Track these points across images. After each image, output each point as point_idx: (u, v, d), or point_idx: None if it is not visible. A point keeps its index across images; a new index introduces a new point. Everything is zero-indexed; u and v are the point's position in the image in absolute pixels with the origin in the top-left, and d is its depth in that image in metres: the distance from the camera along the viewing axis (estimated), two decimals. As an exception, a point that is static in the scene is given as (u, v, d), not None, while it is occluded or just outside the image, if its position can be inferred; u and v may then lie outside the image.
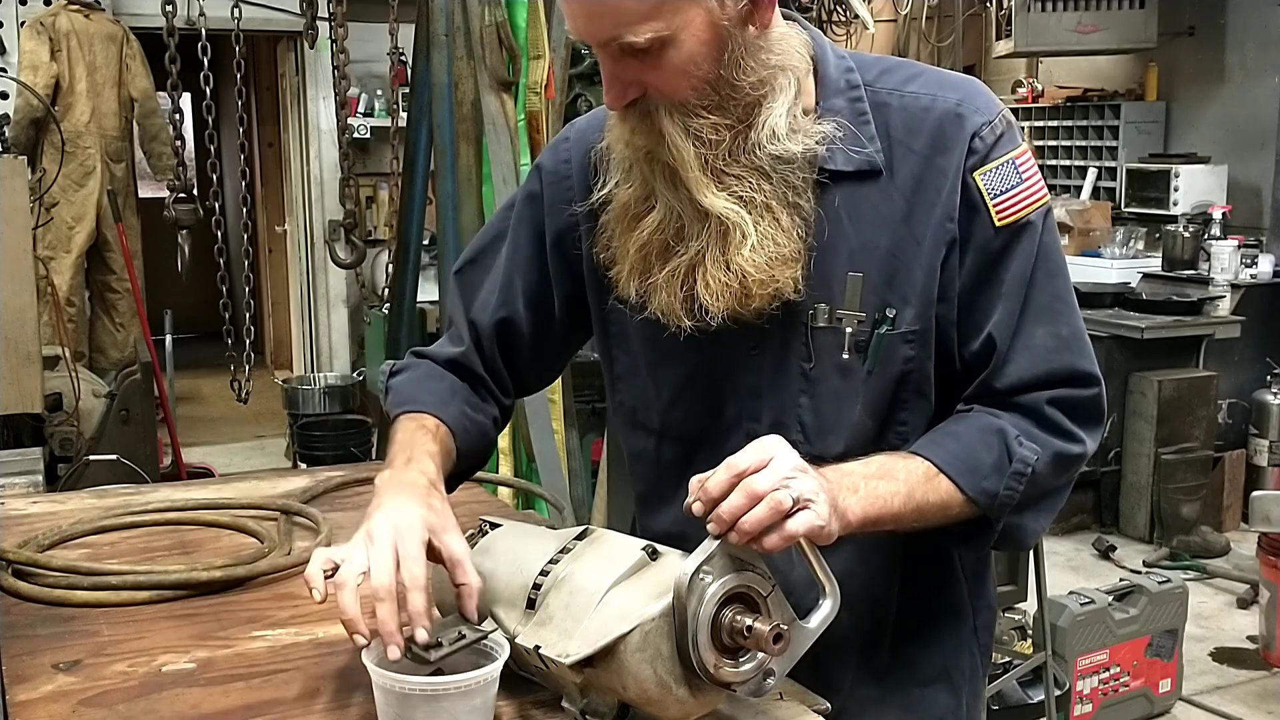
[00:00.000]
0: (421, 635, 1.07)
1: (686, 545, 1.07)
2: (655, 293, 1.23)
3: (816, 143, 1.20)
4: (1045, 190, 1.25)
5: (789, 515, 1.03)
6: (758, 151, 1.18)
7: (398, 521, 1.14)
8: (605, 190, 1.27)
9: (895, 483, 1.17)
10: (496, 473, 3.04)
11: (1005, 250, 1.23)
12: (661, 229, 1.22)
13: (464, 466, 1.40)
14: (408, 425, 1.33)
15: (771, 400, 1.27)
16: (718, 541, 1.04)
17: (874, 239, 1.23)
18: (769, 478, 1.03)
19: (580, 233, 1.35)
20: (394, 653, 1.05)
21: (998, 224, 1.22)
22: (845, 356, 1.24)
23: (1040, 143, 7.59)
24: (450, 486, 1.35)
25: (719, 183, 1.18)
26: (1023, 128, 7.63)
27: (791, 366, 1.26)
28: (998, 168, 1.22)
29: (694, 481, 1.06)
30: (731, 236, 1.18)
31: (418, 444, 1.29)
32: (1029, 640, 3.81)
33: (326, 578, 1.11)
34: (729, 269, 1.18)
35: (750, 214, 1.18)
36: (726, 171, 1.18)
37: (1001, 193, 1.22)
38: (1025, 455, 1.20)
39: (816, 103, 1.24)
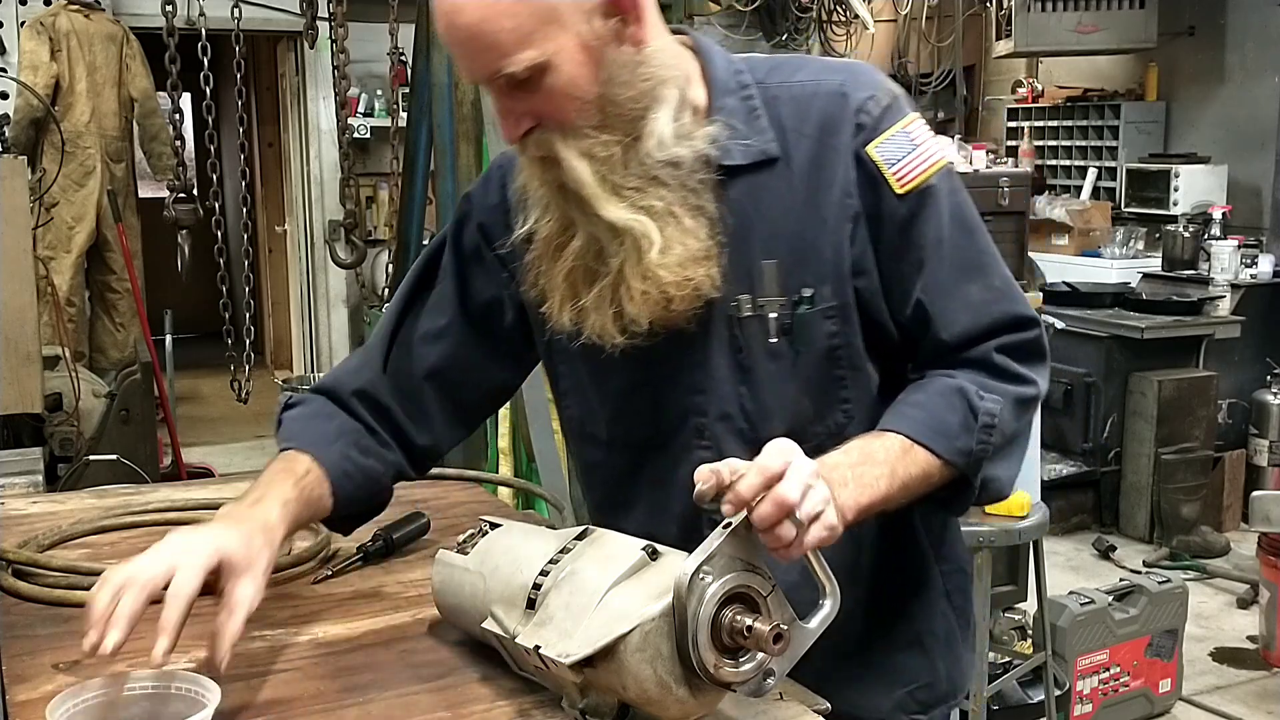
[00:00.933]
0: (159, 647, 1.09)
1: None
2: (587, 316, 1.27)
3: (708, 144, 1.24)
4: (941, 153, 1.29)
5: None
6: (648, 161, 1.21)
7: (191, 542, 1.18)
8: (526, 228, 1.30)
9: (878, 465, 1.19)
10: (496, 473, 3.04)
11: (913, 217, 1.27)
12: (584, 255, 1.26)
13: (348, 511, 1.41)
14: (275, 465, 1.36)
15: (713, 394, 1.31)
16: (719, 540, 1.04)
17: (781, 225, 1.27)
18: (796, 487, 1.04)
19: (512, 269, 1.38)
20: (86, 644, 1.08)
21: (899, 192, 1.26)
22: (773, 340, 1.29)
23: (1040, 143, 7.59)
24: (345, 528, 1.41)
25: (619, 196, 1.21)
26: (1023, 128, 7.64)
27: (726, 358, 1.30)
28: (890, 139, 1.26)
29: (704, 470, 1.05)
30: (642, 246, 1.21)
31: (274, 486, 1.31)
32: (1029, 640, 3.81)
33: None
34: (645, 278, 1.22)
35: (654, 221, 1.21)
36: (624, 185, 1.22)
37: (897, 161, 1.26)
38: (989, 407, 1.24)
39: (709, 106, 1.28)
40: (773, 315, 1.28)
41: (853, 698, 1.33)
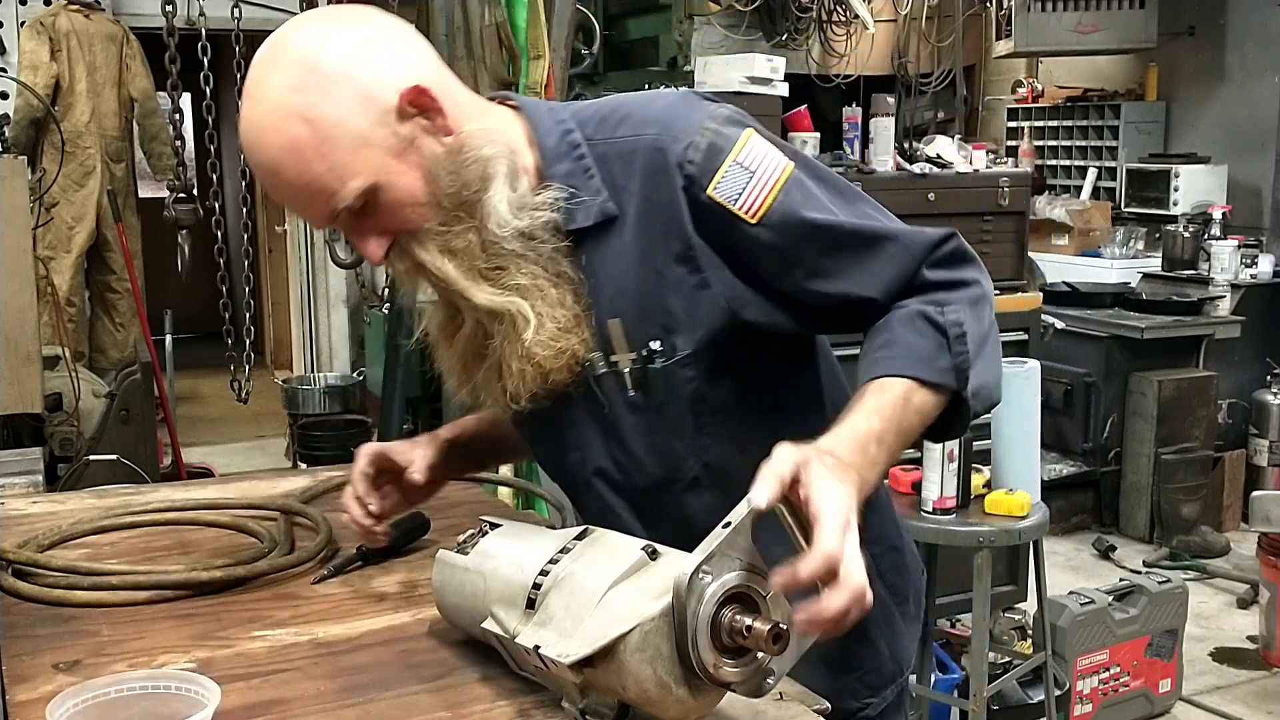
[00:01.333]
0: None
1: None
2: (479, 393, 1.34)
3: (551, 210, 1.25)
4: (781, 163, 1.26)
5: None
6: (499, 239, 1.24)
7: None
8: (423, 326, 1.37)
9: (880, 420, 1.17)
10: (496, 473, 3.04)
11: (781, 234, 1.25)
12: (472, 339, 1.32)
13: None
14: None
15: (586, 451, 1.37)
16: (718, 540, 1.04)
17: (621, 282, 1.29)
18: (859, 567, 1.01)
19: None
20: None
21: (753, 221, 1.24)
22: (631, 394, 1.31)
23: (1040, 143, 7.59)
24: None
25: (486, 280, 1.25)
26: (1023, 128, 7.64)
27: (591, 416, 1.34)
28: (724, 177, 1.24)
29: (761, 495, 1.03)
30: (518, 325, 1.25)
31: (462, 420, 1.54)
32: (1029, 640, 3.81)
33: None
34: (521, 358, 1.26)
35: (525, 299, 1.25)
36: (488, 269, 1.25)
37: (739, 195, 1.24)
38: (952, 319, 1.23)
39: (542, 171, 1.29)
40: (626, 370, 1.30)
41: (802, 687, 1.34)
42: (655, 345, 1.28)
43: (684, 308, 1.28)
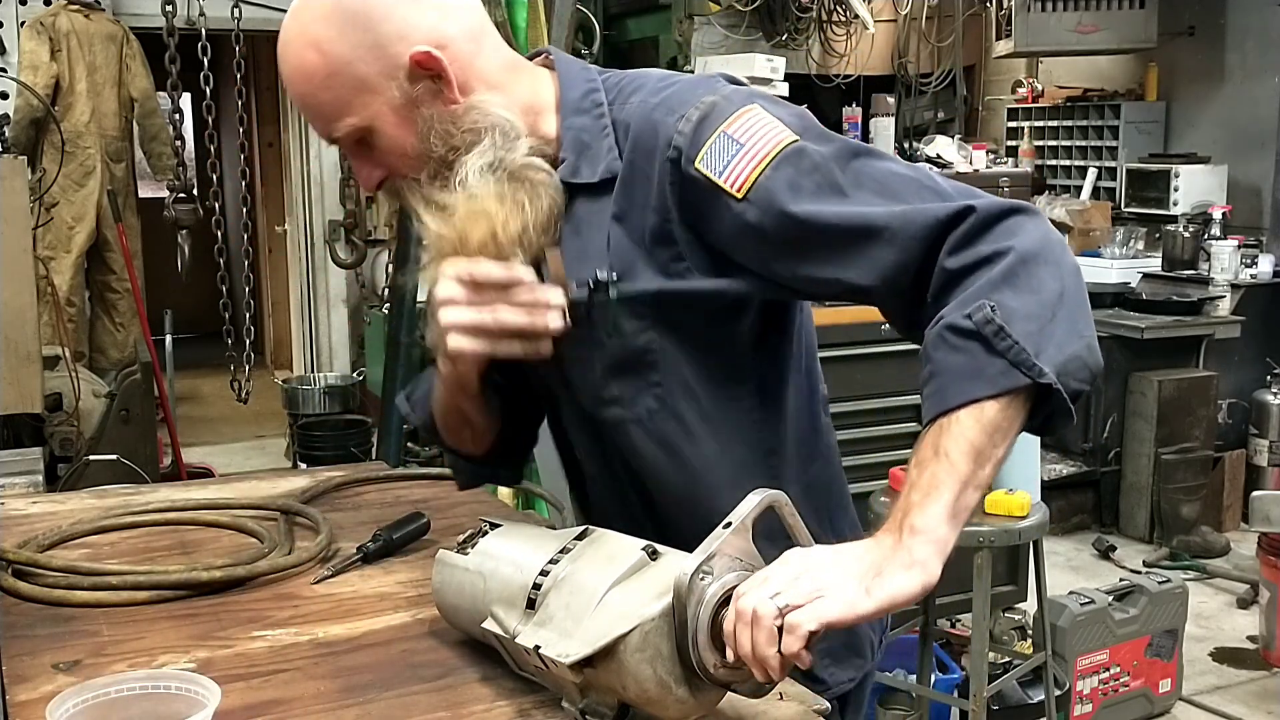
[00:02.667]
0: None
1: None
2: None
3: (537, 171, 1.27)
4: (779, 137, 1.19)
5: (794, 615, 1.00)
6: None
7: None
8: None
9: (930, 467, 1.06)
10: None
11: (768, 214, 1.18)
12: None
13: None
14: None
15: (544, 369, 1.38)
16: (719, 541, 1.04)
17: (600, 244, 1.28)
18: (754, 599, 1.01)
19: None
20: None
21: (738, 196, 1.19)
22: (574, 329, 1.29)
23: (1040, 143, 7.59)
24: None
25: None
26: (1023, 128, 7.64)
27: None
28: (710, 148, 1.21)
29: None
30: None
31: None
32: (1029, 640, 3.81)
33: None
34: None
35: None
36: None
37: (724, 167, 1.20)
38: (980, 315, 1.06)
39: (560, 127, 1.32)
40: (572, 299, 1.27)
41: None
42: (614, 275, 1.26)
43: (657, 277, 1.26)
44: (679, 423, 1.32)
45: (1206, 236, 6.00)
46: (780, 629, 0.99)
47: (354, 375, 6.53)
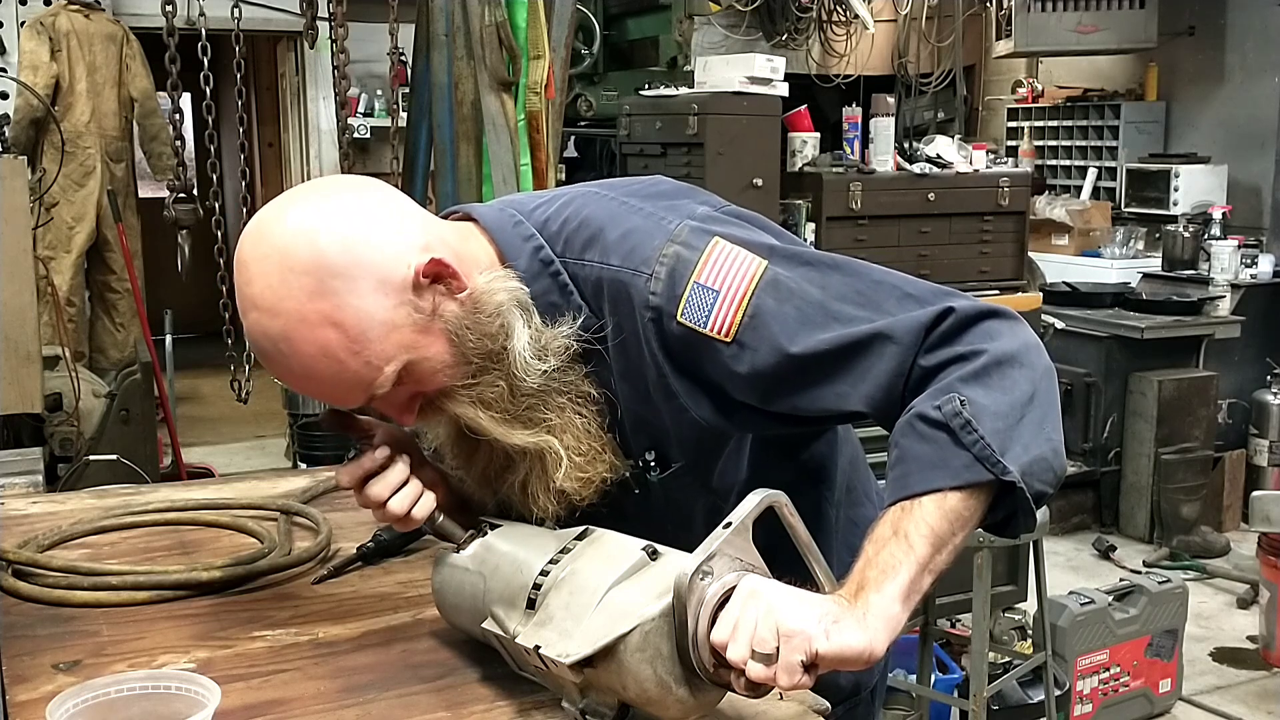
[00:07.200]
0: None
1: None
2: (505, 501, 1.33)
3: (567, 339, 1.23)
4: (750, 268, 1.18)
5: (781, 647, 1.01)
6: (527, 383, 1.22)
7: None
8: (433, 437, 1.35)
9: (890, 545, 1.08)
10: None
11: (759, 351, 1.17)
12: (492, 460, 1.30)
13: None
14: None
15: (599, 520, 1.32)
16: (719, 541, 1.04)
17: (611, 397, 1.27)
18: (745, 633, 1.02)
19: None
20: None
21: (727, 339, 1.18)
22: (636, 492, 1.30)
23: (1040, 143, 7.60)
24: None
25: (520, 423, 1.24)
26: (1023, 128, 7.64)
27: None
28: (689, 301, 1.18)
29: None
30: (548, 464, 1.24)
31: None
32: (1029, 640, 3.82)
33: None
34: (549, 491, 1.25)
35: (556, 437, 1.24)
36: (519, 411, 1.24)
37: (707, 317, 1.18)
38: (949, 407, 1.08)
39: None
40: (628, 474, 1.29)
41: None
42: (649, 457, 1.28)
43: (672, 424, 1.26)
44: (726, 497, 1.30)
45: (1206, 236, 6.00)
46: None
47: (354, 375, 6.51)
